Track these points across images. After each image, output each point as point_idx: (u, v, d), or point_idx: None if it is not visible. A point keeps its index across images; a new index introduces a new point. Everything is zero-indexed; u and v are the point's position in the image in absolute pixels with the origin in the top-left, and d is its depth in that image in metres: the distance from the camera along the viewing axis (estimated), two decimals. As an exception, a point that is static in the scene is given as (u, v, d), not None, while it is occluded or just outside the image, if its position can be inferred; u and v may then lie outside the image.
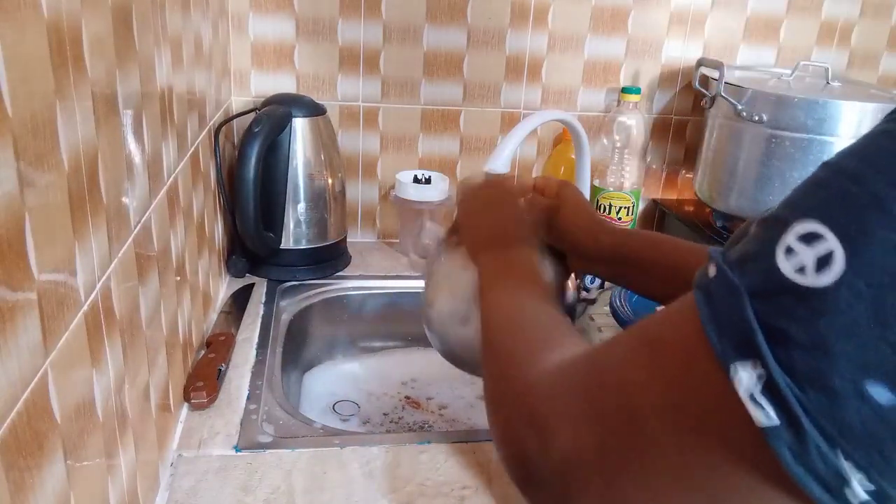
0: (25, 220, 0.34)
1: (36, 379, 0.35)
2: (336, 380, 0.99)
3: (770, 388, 0.28)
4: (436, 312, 0.70)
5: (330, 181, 1.02)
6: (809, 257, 0.28)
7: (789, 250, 0.28)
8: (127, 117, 0.51)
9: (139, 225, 0.54)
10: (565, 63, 1.14)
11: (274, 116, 0.94)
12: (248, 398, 0.74)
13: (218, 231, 0.95)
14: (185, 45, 0.72)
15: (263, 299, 0.95)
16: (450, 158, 1.17)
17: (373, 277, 1.05)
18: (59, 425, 0.38)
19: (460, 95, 1.13)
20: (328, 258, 1.05)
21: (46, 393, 0.36)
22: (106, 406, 0.46)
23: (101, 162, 0.45)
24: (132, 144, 0.53)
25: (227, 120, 0.97)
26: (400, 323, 1.05)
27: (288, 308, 0.97)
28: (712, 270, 0.32)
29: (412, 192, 1.08)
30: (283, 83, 1.09)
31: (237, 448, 0.66)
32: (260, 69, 1.08)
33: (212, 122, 0.91)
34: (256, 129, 0.91)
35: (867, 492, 0.27)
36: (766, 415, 0.28)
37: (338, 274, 1.05)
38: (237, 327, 0.87)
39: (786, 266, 0.28)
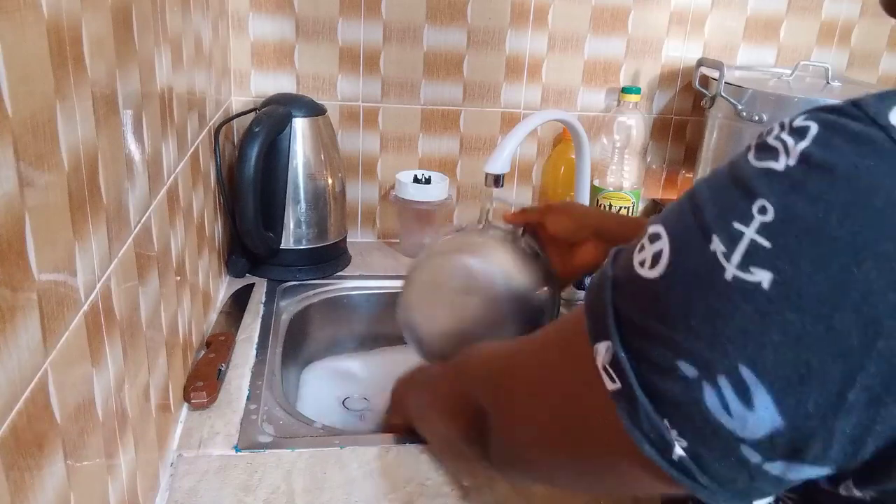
0: (25, 220, 0.34)
1: (36, 379, 0.35)
2: (336, 380, 0.99)
3: (615, 361, 0.34)
4: (416, 316, 0.76)
5: (330, 181, 1.02)
6: (649, 253, 0.34)
7: (641, 247, 0.35)
8: (127, 117, 0.51)
9: (139, 225, 0.54)
10: (565, 63, 1.14)
11: (274, 116, 0.94)
12: (248, 398, 0.74)
13: (218, 231, 0.95)
14: (185, 45, 0.72)
15: (263, 299, 0.95)
16: (450, 158, 1.17)
17: (373, 277, 1.05)
18: (59, 425, 0.38)
19: (460, 95, 1.13)
20: (328, 258, 1.05)
21: (46, 393, 0.36)
22: (106, 406, 0.46)
23: (101, 162, 0.45)
24: (132, 144, 0.53)
25: (227, 120, 0.97)
26: (400, 323, 1.05)
27: (288, 308, 0.97)
28: (605, 264, 0.38)
29: (412, 192, 1.08)
30: (283, 83, 1.09)
31: (237, 448, 0.66)
32: (260, 69, 1.08)
33: (212, 122, 0.91)
34: (256, 129, 0.91)
35: (682, 448, 0.32)
36: (614, 385, 0.34)
37: (338, 274, 1.05)
38: (237, 327, 0.87)
39: (636, 259, 0.35)
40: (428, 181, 1.09)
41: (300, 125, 0.98)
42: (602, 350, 0.35)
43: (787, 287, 0.29)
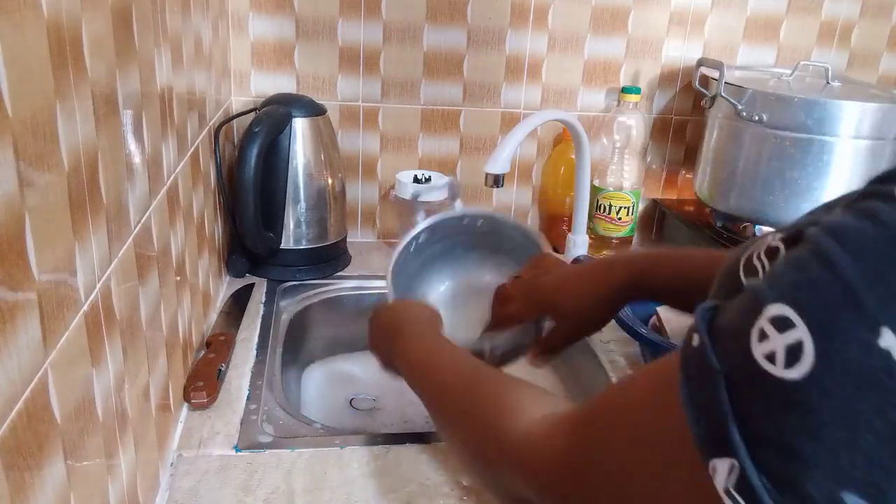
0: (25, 220, 0.34)
1: (36, 379, 0.35)
2: (338, 380, 0.99)
3: (744, 486, 0.26)
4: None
5: (330, 181, 1.02)
6: (780, 345, 0.26)
7: (763, 334, 0.26)
8: (127, 117, 0.51)
9: (139, 225, 0.54)
10: (565, 63, 1.14)
11: (274, 116, 0.94)
12: (248, 398, 0.74)
13: (218, 231, 0.95)
14: (185, 45, 0.72)
15: (263, 299, 0.95)
16: (450, 158, 1.17)
17: (373, 277, 1.05)
18: (59, 425, 0.38)
19: (460, 95, 1.13)
20: (328, 258, 1.05)
21: (46, 393, 0.36)
22: (106, 406, 0.46)
23: (101, 162, 0.45)
24: (132, 144, 0.53)
25: (227, 120, 0.97)
26: (400, 323, 1.05)
27: (288, 308, 0.97)
28: (696, 340, 0.29)
29: (412, 192, 1.08)
30: (283, 83, 1.09)
31: (237, 448, 0.66)
32: (260, 69, 1.08)
33: (212, 122, 0.91)
34: (256, 129, 0.91)
35: None
36: None
37: (338, 274, 1.05)
38: (237, 327, 0.87)
39: (758, 351, 0.26)
40: (428, 181, 1.09)
41: (300, 125, 0.98)
42: (723, 470, 0.27)
43: None
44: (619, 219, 1.14)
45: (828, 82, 1.06)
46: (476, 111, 1.14)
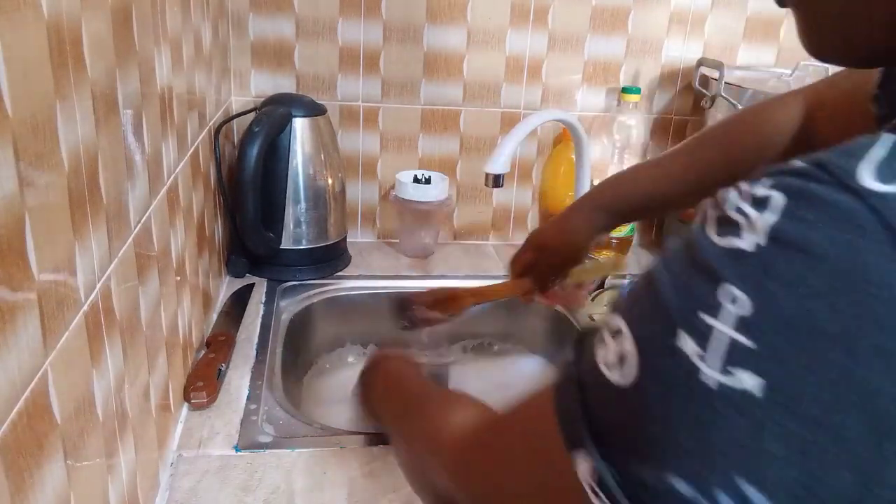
0: (25, 220, 0.34)
1: (36, 379, 0.35)
2: (336, 379, 0.99)
3: (601, 482, 0.29)
4: None
5: (330, 181, 1.02)
6: (613, 352, 0.29)
7: (603, 341, 0.30)
8: (127, 117, 0.51)
9: (139, 225, 0.54)
10: (565, 63, 1.14)
11: (274, 116, 0.94)
12: (248, 398, 0.74)
13: (218, 231, 0.95)
14: (185, 45, 0.72)
15: (263, 299, 0.95)
16: (450, 158, 1.17)
17: (373, 277, 1.05)
18: (59, 425, 0.38)
19: (460, 95, 1.13)
20: (328, 258, 1.05)
21: (46, 393, 0.36)
22: (106, 406, 0.46)
23: (101, 162, 0.45)
24: (132, 144, 0.53)
25: (227, 120, 0.97)
26: (400, 323, 1.05)
27: (288, 308, 0.97)
28: (570, 354, 0.33)
29: (412, 192, 1.08)
30: (283, 83, 1.08)
31: (237, 448, 0.66)
32: (260, 69, 1.08)
33: (212, 122, 0.91)
34: (256, 129, 0.91)
35: None
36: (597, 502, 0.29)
37: (338, 274, 1.05)
38: (237, 327, 0.87)
39: (600, 358, 0.30)
40: (428, 181, 1.09)
41: (300, 125, 0.98)
42: (581, 462, 0.31)
43: (782, 393, 0.25)
44: (619, 219, 1.14)
45: (828, 82, 1.06)
46: (476, 111, 1.14)
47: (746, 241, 0.26)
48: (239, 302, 0.94)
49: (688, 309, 0.27)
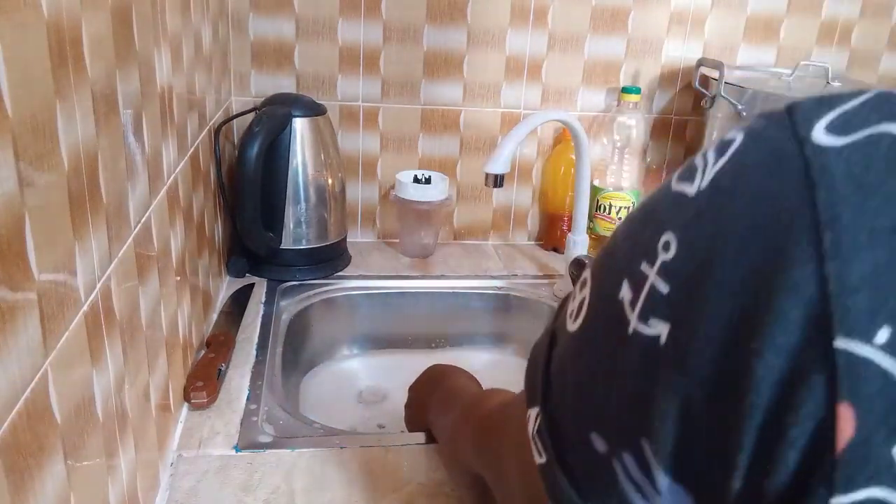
0: (25, 220, 0.34)
1: (36, 379, 0.35)
2: (336, 380, 0.99)
3: (540, 432, 0.30)
4: None
5: (330, 181, 1.02)
6: (577, 301, 0.29)
7: (574, 294, 0.30)
8: (127, 117, 0.51)
9: (139, 225, 0.54)
10: (565, 63, 1.14)
11: (274, 116, 0.94)
12: (248, 398, 0.74)
13: (218, 231, 0.95)
14: (185, 45, 0.72)
15: (263, 299, 0.95)
16: (450, 158, 1.17)
17: (373, 277, 1.05)
18: (59, 425, 0.38)
19: (460, 95, 1.13)
20: (328, 258, 1.05)
21: (46, 393, 0.36)
22: (106, 406, 0.46)
23: (101, 162, 0.45)
24: (132, 144, 0.53)
25: (227, 120, 0.97)
26: (400, 323, 1.05)
27: (288, 308, 0.97)
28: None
29: (412, 192, 1.08)
30: (283, 83, 1.08)
31: (237, 448, 0.66)
32: (260, 69, 1.08)
33: (212, 122, 0.91)
34: (256, 129, 0.91)
35: None
36: (538, 453, 0.30)
37: (338, 274, 1.05)
38: (237, 327, 0.87)
39: (568, 308, 0.30)
40: (428, 181, 1.09)
41: (300, 125, 0.98)
42: (532, 417, 0.31)
43: (677, 343, 0.23)
44: (619, 219, 1.14)
45: (828, 82, 1.06)
46: (476, 111, 1.14)
47: (693, 187, 0.25)
48: (239, 302, 0.94)
49: (632, 257, 0.26)
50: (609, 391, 0.26)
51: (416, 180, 1.09)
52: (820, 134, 0.22)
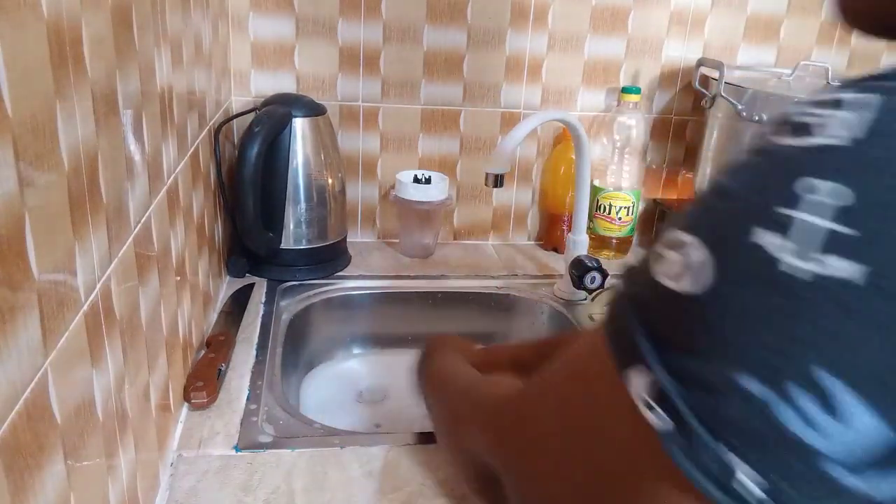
0: (25, 220, 0.34)
1: (36, 379, 0.35)
2: (336, 379, 0.99)
3: (660, 393, 0.29)
4: None
5: (330, 181, 1.02)
6: (676, 262, 0.29)
7: (661, 257, 0.30)
8: (127, 117, 0.51)
9: (139, 225, 0.54)
10: (565, 63, 1.14)
11: (274, 116, 0.94)
12: (248, 398, 0.74)
13: (218, 231, 0.95)
14: (185, 45, 0.72)
15: (263, 299, 0.95)
16: (450, 158, 1.17)
17: (373, 277, 1.05)
18: (59, 425, 0.38)
19: (460, 95, 1.13)
20: (328, 258, 1.05)
21: (46, 393, 0.36)
22: (106, 406, 0.46)
23: (101, 162, 0.45)
24: (132, 144, 0.53)
25: (227, 120, 0.97)
26: (400, 323, 1.05)
27: (288, 308, 0.97)
28: (618, 287, 0.34)
29: (412, 192, 1.08)
30: (283, 83, 1.09)
31: (237, 448, 0.66)
32: (260, 69, 1.08)
33: (212, 122, 0.91)
34: (256, 129, 0.91)
35: (763, 490, 0.27)
36: (660, 419, 0.29)
37: (338, 274, 1.05)
38: (237, 327, 0.87)
39: (659, 272, 0.30)
40: (428, 181, 1.09)
41: (300, 125, 0.98)
42: (635, 378, 0.30)
43: (885, 278, 0.25)
44: (619, 219, 1.14)
45: (828, 82, 1.06)
46: (476, 111, 1.14)
47: (835, 138, 0.26)
48: (239, 302, 0.94)
49: (763, 205, 0.27)
50: (772, 333, 0.26)
51: (416, 180, 1.09)
52: None
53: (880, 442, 0.25)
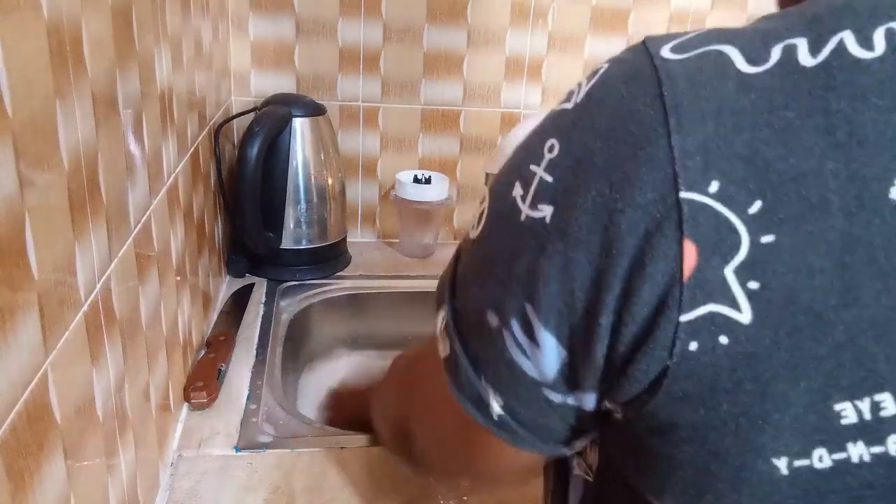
0: (25, 220, 0.34)
1: (36, 379, 0.35)
2: (336, 379, 0.99)
3: (445, 326, 0.35)
4: None
5: (330, 181, 1.02)
6: (476, 216, 0.35)
7: (474, 215, 0.36)
8: (127, 117, 0.51)
9: (139, 225, 0.54)
10: (565, 63, 1.14)
11: (274, 116, 0.94)
12: (248, 398, 0.74)
13: (218, 231, 0.95)
14: (185, 45, 0.72)
15: (263, 299, 0.95)
16: (450, 158, 1.17)
17: (373, 277, 1.05)
18: (59, 425, 0.38)
19: (460, 95, 1.13)
20: (328, 258, 1.05)
21: (46, 393, 0.36)
22: (106, 406, 0.46)
23: (101, 162, 0.45)
24: (132, 144, 0.53)
25: (227, 120, 0.97)
26: (400, 323, 1.05)
27: (288, 308, 0.97)
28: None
29: (412, 192, 1.08)
30: (283, 83, 1.08)
31: (237, 448, 0.66)
32: (260, 69, 1.08)
33: (212, 122, 0.91)
34: (256, 129, 0.91)
35: (501, 407, 0.33)
36: (443, 347, 0.35)
37: (338, 274, 1.05)
38: (237, 327, 0.87)
39: (472, 224, 0.35)
40: (428, 181, 1.09)
41: (300, 125, 0.98)
42: (439, 317, 0.36)
43: (561, 217, 0.29)
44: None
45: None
46: (476, 111, 1.14)
47: (571, 103, 0.31)
48: (239, 302, 0.94)
49: (523, 162, 0.32)
50: (504, 271, 0.31)
51: (416, 180, 1.09)
52: (666, 52, 0.29)
53: (559, 360, 0.30)
